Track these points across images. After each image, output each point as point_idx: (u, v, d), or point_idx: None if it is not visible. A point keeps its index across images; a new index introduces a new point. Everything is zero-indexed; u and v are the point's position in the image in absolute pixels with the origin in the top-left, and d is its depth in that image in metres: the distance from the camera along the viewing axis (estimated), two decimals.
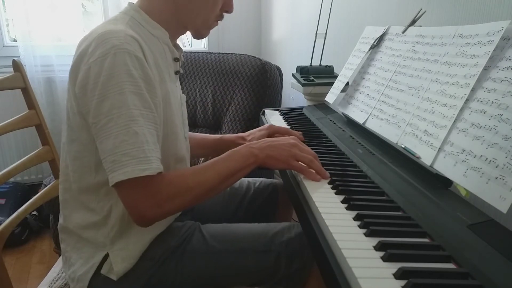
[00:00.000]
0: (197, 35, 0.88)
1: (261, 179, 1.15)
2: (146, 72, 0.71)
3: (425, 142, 0.77)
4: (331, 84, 1.26)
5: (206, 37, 2.65)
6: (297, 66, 1.50)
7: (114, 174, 0.66)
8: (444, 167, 0.69)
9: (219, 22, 0.88)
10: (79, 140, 0.76)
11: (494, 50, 0.70)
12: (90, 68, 0.68)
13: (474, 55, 0.74)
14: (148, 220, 0.71)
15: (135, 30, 0.77)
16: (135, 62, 0.69)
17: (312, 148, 0.92)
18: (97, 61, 0.68)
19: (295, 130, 1.10)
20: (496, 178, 0.58)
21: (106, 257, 0.78)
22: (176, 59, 0.87)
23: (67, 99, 0.77)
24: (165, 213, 0.72)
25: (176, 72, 0.89)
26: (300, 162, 0.79)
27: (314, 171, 0.77)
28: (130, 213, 0.69)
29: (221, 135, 1.12)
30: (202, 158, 1.64)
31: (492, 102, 0.65)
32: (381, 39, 1.12)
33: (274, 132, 1.04)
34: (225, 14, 0.88)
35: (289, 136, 1.01)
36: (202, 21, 0.84)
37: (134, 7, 0.81)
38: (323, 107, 1.37)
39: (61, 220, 0.85)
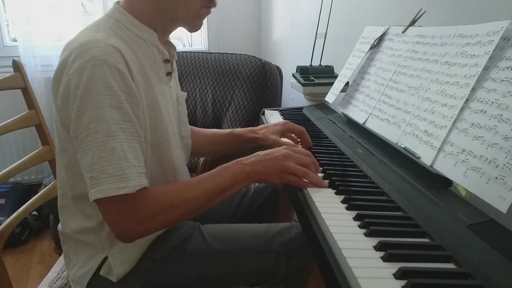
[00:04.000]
0: (189, 27, 0.83)
1: None
2: (127, 84, 0.69)
3: (425, 142, 0.77)
4: (331, 84, 1.26)
5: (206, 37, 2.66)
6: (297, 66, 1.50)
7: (92, 191, 0.65)
8: (444, 167, 0.69)
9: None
10: (68, 151, 0.75)
11: (494, 50, 0.70)
12: (70, 80, 0.67)
13: (474, 55, 0.74)
14: (130, 237, 0.69)
15: (119, 35, 0.74)
16: (115, 74, 0.67)
17: (312, 148, 0.92)
18: (76, 73, 0.66)
19: None
20: (496, 178, 0.58)
21: (105, 259, 0.78)
22: (166, 61, 0.84)
23: (53, 109, 0.75)
24: (148, 231, 0.70)
25: (168, 74, 0.85)
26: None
27: (309, 182, 0.73)
28: (111, 229, 0.68)
29: (231, 129, 1.08)
30: (202, 158, 1.64)
31: (492, 102, 0.65)
32: (381, 39, 1.12)
33: (288, 130, 0.99)
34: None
35: (302, 135, 0.98)
36: (185, 10, 0.78)
37: (118, 8, 0.78)
38: (323, 107, 1.37)
39: (59, 226, 0.85)
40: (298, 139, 1.00)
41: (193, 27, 0.83)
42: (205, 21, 2.89)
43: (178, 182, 0.85)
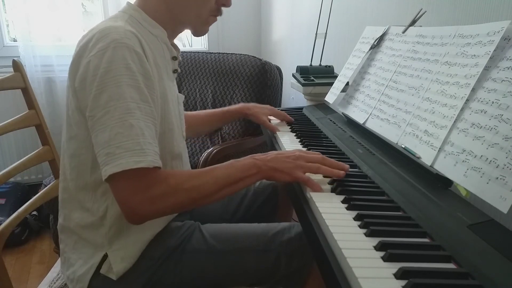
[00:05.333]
0: (195, 32, 0.88)
1: None
2: (145, 67, 0.72)
3: (426, 142, 0.77)
4: (331, 84, 1.26)
5: (206, 37, 2.66)
6: (297, 66, 1.50)
7: (108, 167, 0.65)
8: (444, 167, 0.69)
9: (218, 18, 0.87)
10: (77, 138, 0.76)
11: (494, 50, 0.70)
12: (90, 62, 0.69)
13: (474, 55, 0.74)
14: (139, 216, 0.69)
15: (134, 28, 0.77)
16: (134, 57, 0.70)
17: (311, 148, 0.92)
18: (97, 55, 0.69)
19: (295, 130, 1.11)
20: (497, 178, 0.58)
21: (105, 257, 0.78)
22: (174, 58, 0.88)
23: (67, 96, 0.77)
24: (157, 212, 0.70)
25: (174, 71, 0.89)
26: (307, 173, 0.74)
27: (318, 184, 0.72)
28: (121, 208, 0.68)
29: (227, 108, 1.22)
30: (203, 157, 1.65)
31: (493, 102, 0.65)
32: (381, 39, 1.12)
33: (273, 113, 1.20)
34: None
35: (285, 118, 1.18)
36: (195, 16, 0.83)
37: (133, 6, 0.82)
38: (323, 107, 1.37)
39: (60, 220, 0.85)
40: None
41: (199, 32, 0.88)
42: None
43: (190, 170, 0.86)
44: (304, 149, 0.95)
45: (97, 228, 0.79)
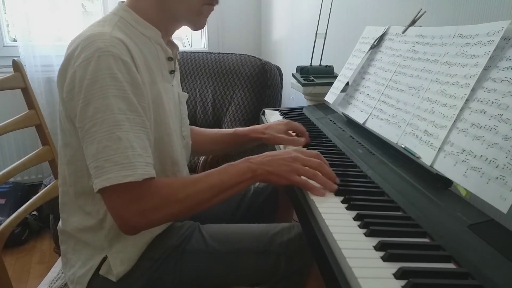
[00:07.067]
0: (192, 25, 0.84)
1: None
2: (132, 75, 0.70)
3: (425, 142, 0.77)
4: (331, 84, 1.26)
5: (206, 37, 2.66)
6: (297, 66, 1.50)
7: (97, 180, 0.65)
8: (444, 167, 0.69)
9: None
10: (71, 145, 0.75)
11: (494, 50, 0.70)
12: (76, 72, 0.67)
13: (474, 55, 0.74)
14: (132, 228, 0.68)
15: (124, 31, 0.75)
16: (120, 65, 0.68)
17: (312, 149, 0.92)
18: (82, 65, 0.67)
19: None
20: (496, 178, 0.58)
21: (105, 259, 0.78)
22: (170, 59, 0.85)
23: (58, 103, 0.76)
24: (150, 223, 0.69)
25: (171, 72, 0.87)
26: (303, 177, 0.73)
27: (318, 185, 0.71)
28: (114, 220, 0.68)
29: (235, 129, 1.09)
30: (202, 157, 1.65)
31: (492, 102, 0.65)
32: (381, 39, 1.12)
33: (291, 129, 1.03)
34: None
35: (303, 138, 0.99)
36: (186, 8, 0.79)
37: (123, 6, 0.80)
38: (323, 107, 1.37)
39: (60, 223, 0.85)
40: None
41: (196, 25, 0.83)
42: None
43: (184, 177, 0.84)
44: (304, 148, 0.95)
45: (97, 231, 0.78)
